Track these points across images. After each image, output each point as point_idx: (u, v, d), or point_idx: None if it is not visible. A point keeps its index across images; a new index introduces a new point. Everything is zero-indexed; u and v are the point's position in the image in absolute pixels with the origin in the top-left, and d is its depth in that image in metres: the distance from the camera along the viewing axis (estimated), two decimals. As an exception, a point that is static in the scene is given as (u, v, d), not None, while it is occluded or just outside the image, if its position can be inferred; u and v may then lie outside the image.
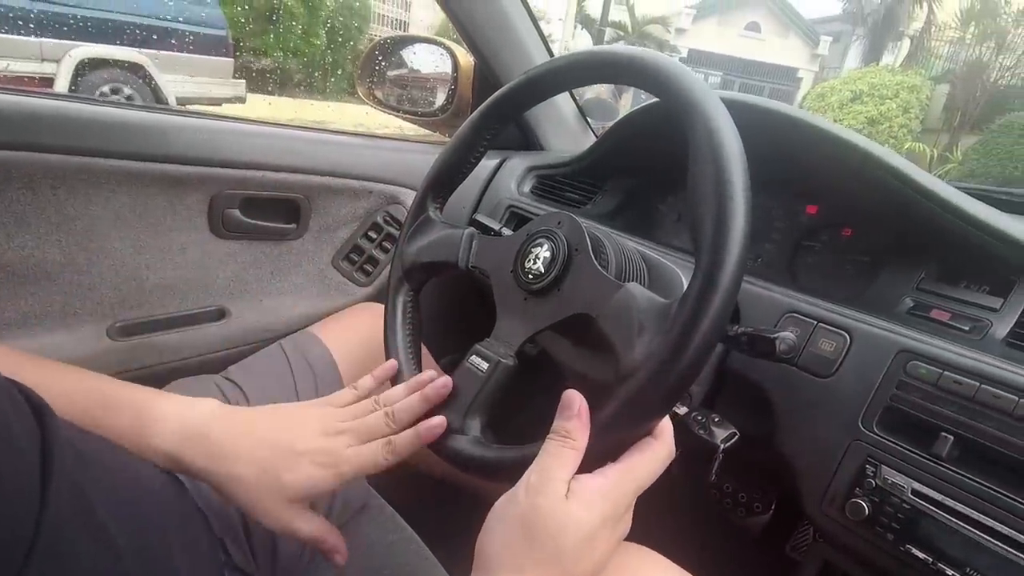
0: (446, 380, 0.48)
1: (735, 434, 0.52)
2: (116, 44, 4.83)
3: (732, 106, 0.43)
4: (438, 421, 0.46)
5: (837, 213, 0.67)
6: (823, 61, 21.32)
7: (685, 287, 0.57)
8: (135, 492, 0.39)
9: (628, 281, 0.52)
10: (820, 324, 0.52)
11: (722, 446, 0.51)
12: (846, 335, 0.50)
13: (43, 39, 4.48)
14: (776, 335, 0.45)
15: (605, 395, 0.41)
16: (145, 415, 0.44)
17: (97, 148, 0.66)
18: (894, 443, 0.46)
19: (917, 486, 0.44)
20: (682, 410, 0.54)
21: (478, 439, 0.47)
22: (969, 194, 0.54)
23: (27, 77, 4.39)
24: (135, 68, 4.88)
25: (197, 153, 0.73)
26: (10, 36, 4.34)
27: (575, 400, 0.40)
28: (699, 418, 0.53)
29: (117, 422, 0.43)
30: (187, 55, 5.21)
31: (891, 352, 0.48)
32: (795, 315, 0.54)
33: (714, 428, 0.52)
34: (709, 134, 0.40)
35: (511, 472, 0.44)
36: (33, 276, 0.66)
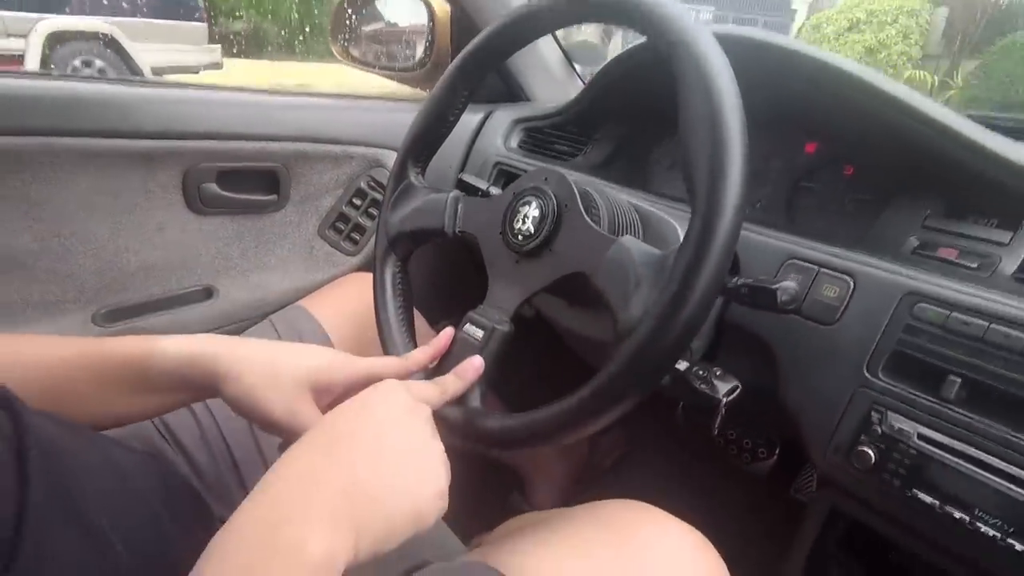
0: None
1: (737, 387, 0.51)
2: (83, 14, 4.65)
3: (723, 41, 0.40)
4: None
5: (837, 150, 0.64)
6: (818, -11, 20.55)
7: (680, 237, 0.55)
8: (115, 478, 0.38)
9: (622, 235, 0.50)
10: (822, 270, 0.50)
11: (724, 400, 0.50)
12: (849, 280, 0.48)
13: (5, 13, 4.30)
14: (777, 285, 0.43)
15: (602, 353, 0.40)
16: (146, 346, 0.43)
17: (57, 127, 0.63)
18: (900, 388, 0.45)
19: (924, 430, 0.43)
20: (683, 365, 0.53)
21: (478, 409, 0.46)
22: (974, 122, 0.51)
23: (-6, 54, 4.24)
24: (106, 39, 4.71)
25: (165, 126, 0.70)
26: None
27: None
28: (700, 372, 0.52)
29: (117, 360, 0.43)
30: (157, 21, 5.02)
31: (897, 295, 0.46)
32: (796, 261, 0.52)
33: (716, 382, 0.51)
34: (700, 73, 0.37)
35: (516, 442, 0.44)
36: (5, 267, 0.64)
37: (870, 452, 0.45)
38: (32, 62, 4.30)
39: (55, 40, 4.45)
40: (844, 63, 0.54)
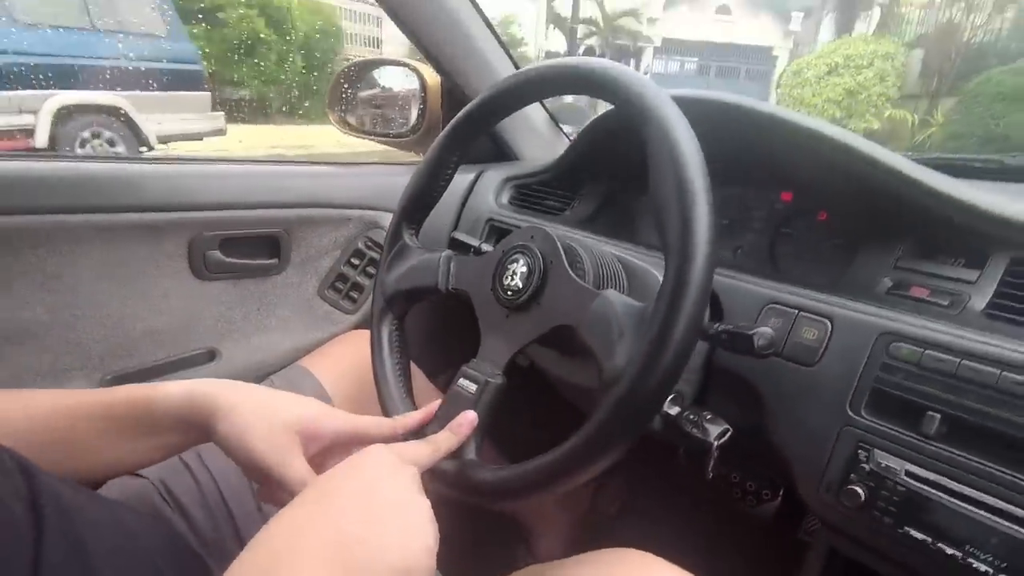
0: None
1: (728, 430, 0.52)
2: (92, 89, 4.85)
3: (690, 104, 0.44)
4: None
5: (811, 198, 0.67)
6: (796, 37, 21.40)
7: (661, 288, 0.58)
8: (123, 536, 0.39)
9: (606, 287, 0.53)
10: (801, 313, 0.52)
11: (716, 443, 0.51)
12: (827, 322, 0.50)
13: (18, 91, 4.48)
14: (754, 331, 0.45)
15: (592, 401, 0.41)
16: (149, 390, 0.45)
17: (73, 204, 0.67)
18: (884, 426, 0.46)
19: (910, 467, 0.44)
20: (674, 410, 0.54)
21: (474, 461, 0.47)
22: (948, 163, 0.54)
23: (6, 130, 4.41)
24: (114, 111, 4.91)
25: (172, 199, 0.74)
26: (-16, 92, 4.34)
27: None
28: (691, 417, 0.53)
29: (122, 405, 0.45)
30: (164, 93, 5.23)
31: (873, 335, 0.48)
32: (776, 306, 0.54)
33: (706, 425, 0.52)
34: (664, 138, 0.41)
35: (510, 493, 0.45)
36: (19, 336, 0.66)
37: (859, 490, 0.45)
38: (42, 136, 4.47)
39: (65, 114, 4.63)
40: (805, 120, 0.58)
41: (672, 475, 1.02)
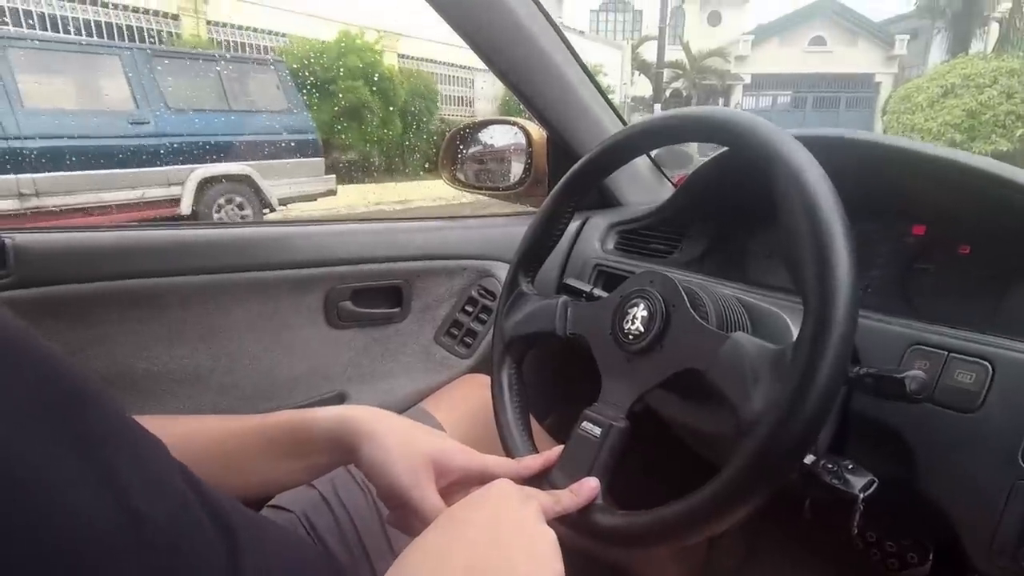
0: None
1: (874, 480, 0.48)
2: (226, 161, 5.57)
3: (812, 143, 0.43)
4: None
5: (948, 230, 0.63)
6: (902, 61, 20.12)
7: (793, 330, 0.56)
8: (298, 563, 0.43)
9: (731, 330, 0.52)
10: (952, 355, 0.48)
11: (861, 495, 0.48)
12: (987, 364, 0.46)
13: (168, 167, 5.22)
14: (905, 374, 0.43)
15: (721, 447, 0.40)
16: (303, 414, 0.51)
17: (234, 264, 0.77)
18: (1066, 480, 0.41)
19: (1104, 527, 0.39)
20: (809, 459, 0.51)
21: (602, 506, 0.47)
22: None
23: (159, 200, 5.13)
24: (243, 179, 5.58)
25: (311, 256, 0.83)
26: (143, 169, 5.10)
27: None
28: (830, 467, 0.50)
29: (280, 428, 0.50)
30: (283, 161, 5.87)
31: (1044, 378, 0.44)
32: (922, 347, 0.50)
33: (848, 476, 0.49)
34: (796, 183, 0.40)
35: (636, 540, 0.44)
36: (189, 380, 0.76)
37: (1043, 553, 0.41)
38: (186, 203, 5.16)
39: (205, 184, 5.33)
40: (934, 149, 0.56)
41: (797, 529, 0.94)
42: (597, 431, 0.50)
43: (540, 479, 0.51)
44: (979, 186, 0.53)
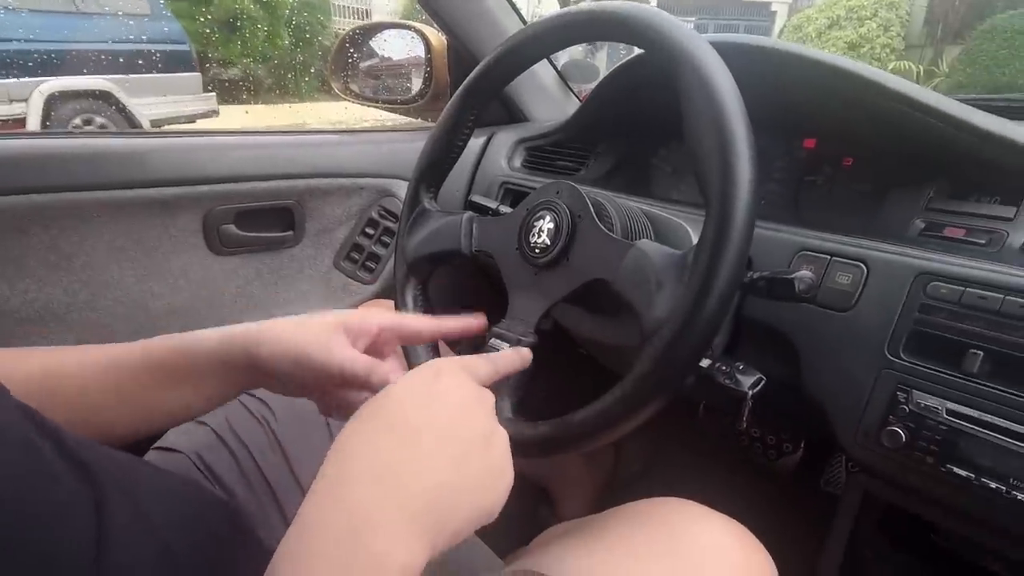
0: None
1: (762, 379, 0.52)
2: (81, 74, 4.78)
3: (719, 48, 0.42)
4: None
5: (835, 144, 0.66)
6: (796, -9, 20.86)
7: (694, 237, 0.57)
8: (182, 507, 0.39)
9: (636, 239, 0.52)
10: (834, 258, 0.51)
11: (750, 392, 0.51)
12: (862, 265, 0.50)
13: (6, 80, 4.42)
14: (794, 275, 0.44)
15: (626, 358, 0.41)
16: (184, 336, 0.45)
17: (83, 182, 0.66)
18: (923, 367, 0.45)
19: (952, 405, 0.44)
20: (705, 363, 0.54)
21: (513, 420, 0.47)
22: (972, 103, 0.53)
23: (-2, 120, 4.36)
24: (104, 96, 4.83)
25: (183, 173, 0.72)
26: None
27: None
28: (723, 368, 0.53)
29: (160, 352, 0.44)
30: (153, 75, 5.14)
31: (909, 276, 0.47)
32: (808, 252, 0.53)
33: (739, 376, 0.52)
34: (703, 83, 0.39)
35: (552, 446, 0.44)
36: (41, 318, 0.66)
37: (900, 431, 0.45)
38: (34, 125, 4.42)
39: (55, 101, 4.57)
40: (833, 58, 0.57)
41: (693, 430, 1.03)
42: (506, 347, 0.49)
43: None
44: (868, 97, 0.55)
